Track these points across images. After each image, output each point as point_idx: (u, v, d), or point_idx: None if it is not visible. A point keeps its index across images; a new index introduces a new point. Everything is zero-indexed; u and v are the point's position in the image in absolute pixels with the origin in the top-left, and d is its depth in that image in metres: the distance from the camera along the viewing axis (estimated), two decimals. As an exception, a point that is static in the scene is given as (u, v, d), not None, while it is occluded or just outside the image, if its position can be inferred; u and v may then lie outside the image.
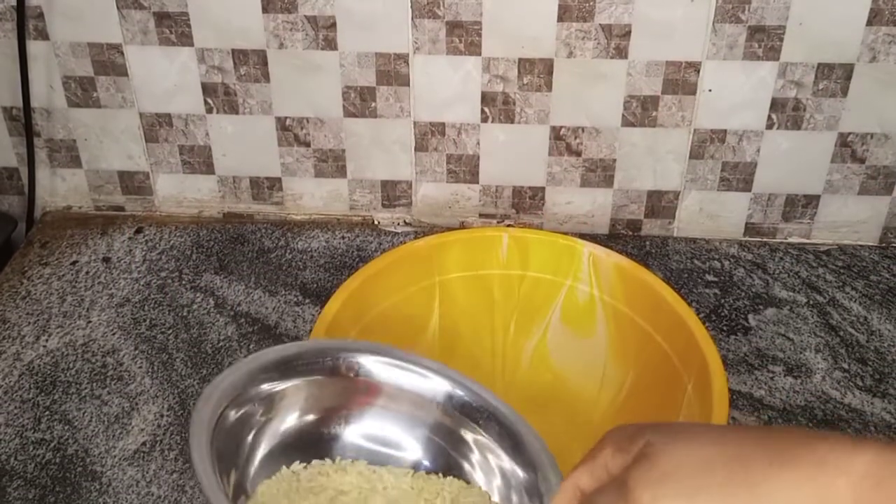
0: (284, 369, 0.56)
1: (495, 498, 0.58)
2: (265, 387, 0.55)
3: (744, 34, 0.88)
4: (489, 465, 0.58)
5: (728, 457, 0.40)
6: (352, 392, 0.59)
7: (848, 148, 0.93)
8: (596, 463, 0.45)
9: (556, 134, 0.95)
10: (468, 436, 0.59)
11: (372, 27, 0.90)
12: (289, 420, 0.57)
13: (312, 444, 0.58)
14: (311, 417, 0.58)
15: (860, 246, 0.98)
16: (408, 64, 0.92)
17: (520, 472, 0.57)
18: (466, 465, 0.59)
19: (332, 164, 0.99)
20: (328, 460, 0.58)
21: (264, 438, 0.56)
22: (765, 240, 0.99)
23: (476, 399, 0.59)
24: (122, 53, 0.93)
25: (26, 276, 0.94)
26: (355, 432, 0.59)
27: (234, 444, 0.53)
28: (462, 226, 1.02)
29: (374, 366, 0.59)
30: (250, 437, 0.55)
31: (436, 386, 0.59)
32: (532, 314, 0.78)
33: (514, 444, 0.57)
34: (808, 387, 0.81)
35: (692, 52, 0.89)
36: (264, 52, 0.92)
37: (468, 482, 0.58)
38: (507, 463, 0.57)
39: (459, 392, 0.59)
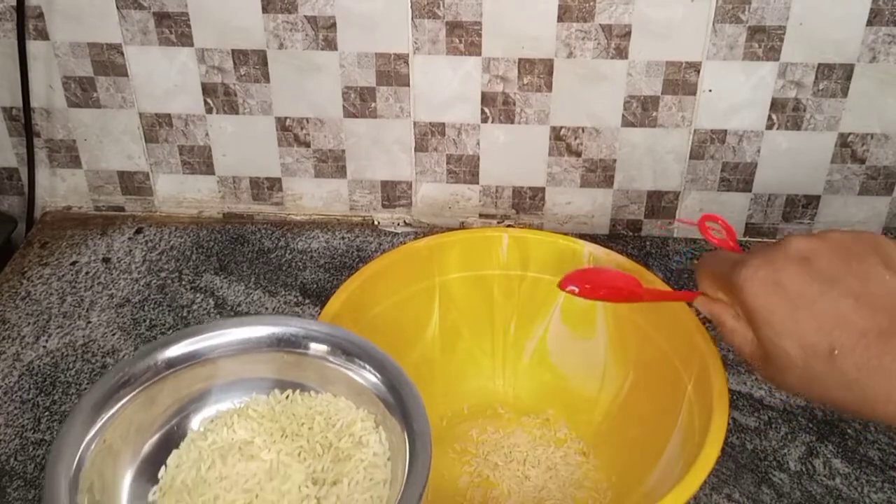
0: (106, 403, 0.55)
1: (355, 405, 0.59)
2: (96, 434, 0.54)
3: (744, 34, 0.88)
4: (337, 381, 0.59)
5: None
6: (185, 384, 0.59)
7: (848, 148, 0.93)
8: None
9: (556, 134, 0.95)
10: (311, 364, 0.59)
11: (372, 27, 0.90)
12: (136, 448, 0.57)
13: (171, 449, 0.58)
14: (157, 433, 0.58)
15: (860, 246, 0.98)
16: (408, 64, 0.92)
17: (373, 379, 0.57)
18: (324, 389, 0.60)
19: (332, 164, 0.99)
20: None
21: (121, 481, 0.55)
22: (765, 240, 0.99)
23: (304, 331, 0.59)
24: (122, 53, 0.93)
25: (26, 276, 0.94)
26: (206, 416, 0.59)
27: None
28: (462, 226, 1.02)
29: (189, 348, 0.58)
30: (108, 490, 0.54)
31: (261, 335, 0.59)
32: (532, 314, 0.78)
33: (359, 358, 0.58)
34: (808, 387, 0.81)
35: (692, 52, 0.89)
36: (264, 52, 0.92)
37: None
38: (359, 377, 0.58)
39: (286, 330, 0.59)
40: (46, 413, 0.79)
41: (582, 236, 0.80)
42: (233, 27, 0.91)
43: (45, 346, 0.85)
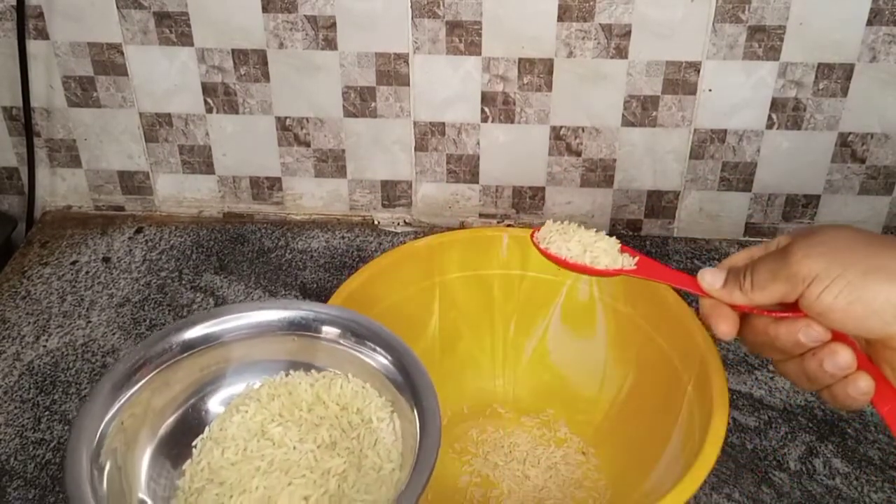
0: (124, 385, 0.57)
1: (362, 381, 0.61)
2: (114, 415, 0.56)
3: (744, 34, 0.88)
4: (348, 363, 0.61)
5: (873, 242, 0.51)
6: (200, 367, 0.60)
7: (848, 148, 0.93)
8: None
9: (556, 134, 0.95)
10: (323, 347, 0.61)
11: (372, 27, 0.90)
12: (153, 428, 0.58)
13: (189, 433, 0.59)
14: (174, 414, 0.60)
15: (860, 246, 0.98)
16: (408, 64, 0.92)
17: (382, 359, 0.59)
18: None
19: (332, 164, 0.99)
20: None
21: (139, 461, 0.57)
22: (765, 240, 0.99)
23: (318, 315, 0.61)
24: (122, 53, 0.93)
25: (26, 275, 0.94)
26: (222, 398, 0.61)
27: (119, 488, 0.54)
28: (462, 226, 1.02)
29: (204, 331, 0.60)
30: (127, 470, 0.55)
31: (273, 318, 0.61)
32: (532, 314, 0.78)
33: (370, 340, 0.60)
34: (808, 387, 0.81)
35: (692, 51, 0.89)
36: (264, 51, 0.92)
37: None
38: (368, 356, 0.60)
39: (299, 314, 0.61)
40: (46, 413, 0.79)
41: (582, 236, 0.80)
42: (233, 27, 0.91)
43: (45, 346, 0.85)
